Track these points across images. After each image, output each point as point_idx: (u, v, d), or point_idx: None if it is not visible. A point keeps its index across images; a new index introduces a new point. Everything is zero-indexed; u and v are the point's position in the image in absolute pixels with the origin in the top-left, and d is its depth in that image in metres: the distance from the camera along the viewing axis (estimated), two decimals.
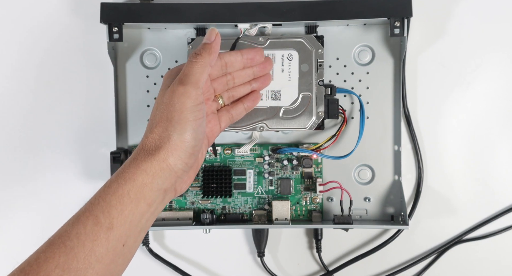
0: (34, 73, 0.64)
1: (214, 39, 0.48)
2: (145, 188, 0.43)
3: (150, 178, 0.43)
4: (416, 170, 0.62)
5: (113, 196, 0.42)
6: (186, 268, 0.64)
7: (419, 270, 0.64)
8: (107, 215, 0.41)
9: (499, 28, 0.62)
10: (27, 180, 0.64)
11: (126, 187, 0.42)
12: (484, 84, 0.62)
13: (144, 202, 0.43)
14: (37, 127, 0.64)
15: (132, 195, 0.42)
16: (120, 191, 0.42)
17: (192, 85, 0.45)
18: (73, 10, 0.63)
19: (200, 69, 0.46)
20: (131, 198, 0.42)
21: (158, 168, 0.43)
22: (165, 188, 0.44)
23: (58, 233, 0.41)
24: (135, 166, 0.43)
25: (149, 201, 0.43)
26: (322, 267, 0.64)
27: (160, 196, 0.44)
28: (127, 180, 0.42)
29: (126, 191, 0.42)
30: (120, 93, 0.62)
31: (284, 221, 0.60)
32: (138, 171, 0.43)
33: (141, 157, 0.44)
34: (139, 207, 0.42)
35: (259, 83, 0.55)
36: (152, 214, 0.44)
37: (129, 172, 0.43)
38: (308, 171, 0.61)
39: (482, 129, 0.62)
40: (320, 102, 0.57)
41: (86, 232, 0.40)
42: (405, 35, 0.57)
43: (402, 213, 0.59)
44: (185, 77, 0.46)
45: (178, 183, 0.46)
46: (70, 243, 0.39)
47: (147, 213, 0.43)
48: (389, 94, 0.61)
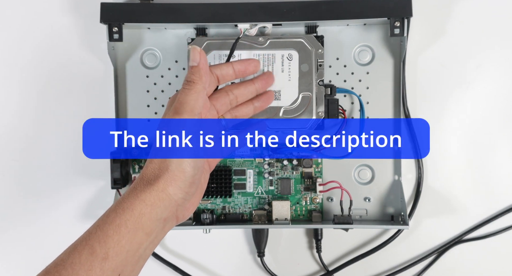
0: (34, 73, 0.64)
1: (200, 59, 0.47)
2: (143, 217, 0.42)
3: (148, 207, 0.43)
4: (416, 170, 0.62)
5: (111, 225, 0.41)
6: (186, 268, 0.64)
7: (419, 270, 0.64)
8: (103, 245, 0.41)
9: (499, 28, 0.62)
10: (27, 180, 0.64)
11: (124, 216, 0.42)
12: (484, 84, 0.62)
13: (143, 232, 0.42)
14: (37, 127, 0.64)
15: (130, 225, 0.42)
16: (118, 221, 0.42)
17: (188, 114, 0.45)
18: (73, 10, 0.63)
19: (195, 96, 0.46)
20: (129, 228, 0.42)
21: (156, 198, 0.43)
22: (165, 217, 0.44)
23: (55, 262, 0.41)
24: (134, 195, 0.43)
25: (148, 231, 0.43)
26: (322, 267, 0.64)
27: (159, 225, 0.44)
28: (125, 209, 0.42)
29: (123, 220, 0.42)
30: (120, 93, 0.62)
31: (284, 221, 0.60)
32: (136, 201, 0.43)
33: (140, 186, 0.43)
34: (137, 237, 0.42)
35: (261, 102, 0.54)
36: (152, 243, 0.44)
37: (128, 201, 0.43)
38: (308, 171, 0.61)
39: (482, 129, 0.62)
40: (320, 102, 0.57)
41: (81, 262, 0.40)
42: (405, 35, 0.57)
43: (402, 213, 0.59)
44: (180, 106, 0.45)
45: (180, 211, 0.46)
46: (65, 273, 0.39)
47: (146, 242, 0.43)
48: (389, 94, 0.61)
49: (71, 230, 0.64)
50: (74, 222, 0.64)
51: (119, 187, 0.59)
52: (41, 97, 0.64)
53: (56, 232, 0.64)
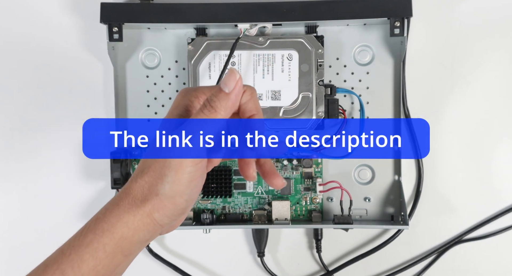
0: (34, 73, 0.64)
1: (234, 89, 0.38)
2: (124, 241, 0.38)
3: (131, 231, 0.38)
4: (416, 170, 0.62)
5: (87, 248, 0.37)
6: (186, 268, 0.64)
7: (419, 270, 0.63)
8: (76, 271, 0.37)
9: (499, 28, 0.62)
10: (27, 180, 0.64)
11: (102, 240, 0.37)
12: (484, 84, 0.62)
13: (122, 255, 0.38)
14: (37, 127, 0.64)
15: (109, 249, 0.37)
16: (96, 244, 0.37)
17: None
18: (73, 10, 0.63)
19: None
20: (107, 252, 0.37)
21: (141, 222, 0.38)
22: (147, 239, 0.39)
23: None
24: (116, 216, 0.38)
25: (127, 253, 0.39)
26: (322, 267, 0.64)
27: (140, 247, 0.40)
28: (105, 231, 0.38)
29: (102, 244, 0.37)
30: (120, 93, 0.61)
31: (284, 221, 0.60)
32: (118, 223, 0.38)
33: (124, 204, 0.39)
34: (115, 260, 0.38)
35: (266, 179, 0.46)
36: (129, 261, 0.40)
37: (109, 222, 0.38)
38: (308, 171, 0.61)
39: (482, 129, 0.62)
40: (320, 102, 0.57)
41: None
42: (405, 35, 0.57)
43: (402, 213, 0.59)
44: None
45: (164, 230, 0.41)
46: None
47: (124, 263, 0.39)
48: (389, 94, 0.61)
49: (71, 229, 0.64)
50: (74, 222, 0.64)
51: (119, 187, 0.59)
52: (41, 97, 0.64)
53: (56, 232, 0.64)
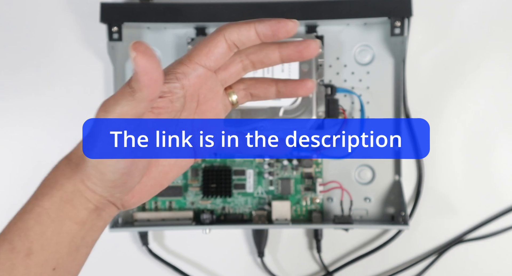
0: (33, 73, 0.64)
1: (138, 68, 0.32)
2: (66, 205, 0.35)
3: (69, 195, 0.35)
4: (416, 170, 0.62)
5: (31, 214, 0.35)
6: (186, 268, 0.64)
7: (420, 271, 0.63)
8: (24, 239, 0.35)
9: (500, 28, 0.62)
10: (26, 180, 0.64)
11: (43, 203, 0.35)
12: (485, 84, 0.62)
13: (71, 221, 0.35)
14: (37, 127, 0.64)
15: (52, 213, 0.35)
16: (37, 209, 0.35)
17: (116, 116, 0.36)
18: (72, 10, 0.63)
19: (128, 105, 0.34)
20: (52, 217, 0.35)
21: (75, 187, 0.36)
22: (93, 207, 0.36)
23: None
24: (54, 179, 0.36)
25: (78, 220, 0.36)
26: (322, 267, 0.64)
27: (92, 215, 0.36)
28: (45, 195, 0.36)
29: (44, 209, 0.35)
30: None
31: (284, 221, 0.60)
32: (56, 185, 0.36)
33: (62, 167, 0.37)
34: (65, 227, 0.35)
35: (289, 88, 0.39)
36: (90, 230, 0.37)
37: (48, 185, 0.36)
38: (308, 171, 0.61)
39: (482, 129, 0.62)
40: (320, 102, 0.57)
41: (0, 262, 0.34)
42: (406, 35, 0.57)
43: (403, 213, 0.59)
44: (109, 106, 0.36)
45: (115, 201, 0.37)
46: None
47: (82, 231, 0.36)
48: (389, 94, 0.61)
49: None
50: None
51: None
52: (41, 97, 0.64)
53: None
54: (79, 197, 0.36)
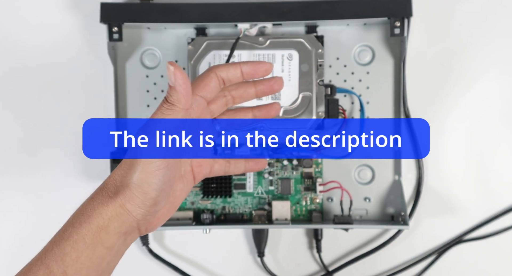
0: (33, 73, 0.64)
1: (176, 80, 0.40)
2: (101, 232, 0.40)
3: (106, 221, 0.40)
4: (416, 170, 0.62)
5: (68, 241, 0.39)
6: (186, 268, 0.64)
7: (420, 271, 0.63)
8: (60, 264, 0.38)
9: (499, 28, 0.62)
10: (26, 180, 0.64)
11: (80, 231, 0.39)
12: (485, 84, 0.62)
13: (102, 246, 0.40)
14: (37, 127, 0.64)
15: (88, 239, 0.39)
16: (75, 236, 0.39)
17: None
18: (73, 10, 0.63)
19: (172, 116, 0.41)
20: (87, 243, 0.39)
21: (114, 212, 0.40)
22: (124, 231, 0.41)
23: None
24: (92, 208, 0.41)
25: (108, 245, 0.40)
26: (322, 267, 0.64)
27: (120, 239, 0.41)
28: (82, 223, 0.40)
29: (81, 236, 0.39)
30: (120, 93, 0.62)
31: (284, 221, 0.60)
32: (93, 214, 0.40)
33: (99, 197, 0.41)
34: (96, 252, 0.40)
35: (262, 112, 0.49)
36: (115, 256, 0.41)
37: (85, 214, 0.40)
38: (308, 171, 0.61)
39: (482, 129, 0.62)
40: (320, 102, 0.57)
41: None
42: (406, 35, 0.57)
43: (402, 213, 0.59)
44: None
45: (143, 225, 0.43)
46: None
47: (108, 256, 0.40)
48: (389, 94, 0.61)
49: None
50: None
51: None
52: (41, 97, 0.64)
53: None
54: (115, 221, 0.40)
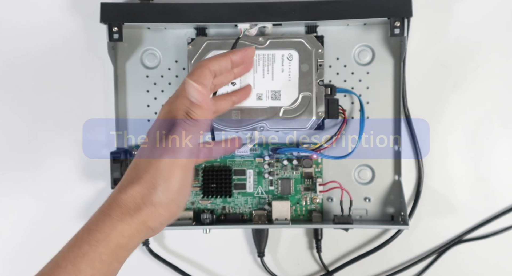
0: (34, 73, 0.64)
1: (202, 99, 0.43)
2: (119, 249, 0.39)
3: (126, 240, 0.39)
4: (416, 170, 0.62)
5: (83, 259, 0.38)
6: (186, 268, 0.64)
7: (419, 270, 0.63)
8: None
9: (499, 28, 0.62)
10: (26, 180, 0.64)
11: (98, 249, 0.38)
12: (484, 84, 0.62)
13: (117, 262, 0.40)
14: (37, 127, 0.64)
15: (105, 258, 0.39)
16: (92, 254, 0.38)
17: (181, 154, 0.42)
18: (73, 10, 0.63)
19: (195, 134, 0.43)
20: (103, 261, 0.38)
21: (135, 230, 0.40)
22: (138, 245, 0.42)
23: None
24: (110, 225, 0.39)
25: (122, 260, 0.40)
26: (322, 267, 0.64)
27: (133, 251, 0.42)
28: (100, 241, 0.39)
29: (98, 254, 0.38)
30: (120, 93, 0.61)
31: (284, 221, 0.60)
32: (113, 232, 0.39)
33: (117, 214, 0.40)
34: (111, 268, 0.39)
35: (238, 96, 0.55)
36: (121, 264, 0.42)
37: (103, 232, 0.39)
38: (308, 171, 0.61)
39: (482, 129, 0.62)
40: (320, 102, 0.57)
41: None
42: (405, 35, 0.57)
43: (402, 213, 0.59)
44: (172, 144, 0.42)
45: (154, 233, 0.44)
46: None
47: (119, 269, 0.41)
48: (389, 94, 0.61)
49: (71, 230, 0.64)
50: (74, 222, 0.64)
51: None
52: (41, 97, 0.64)
53: (56, 232, 0.64)
54: (135, 239, 0.40)
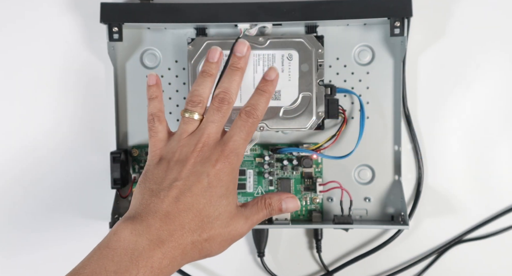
0: (33, 73, 0.64)
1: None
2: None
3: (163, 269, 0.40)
4: (416, 170, 0.62)
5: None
6: (186, 268, 0.64)
7: (419, 270, 0.64)
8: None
9: (499, 28, 0.62)
10: (26, 180, 0.64)
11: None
12: (484, 84, 0.62)
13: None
14: (37, 128, 0.64)
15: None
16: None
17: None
18: (73, 10, 0.63)
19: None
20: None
21: (170, 261, 0.40)
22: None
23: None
24: (144, 257, 0.39)
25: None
26: (322, 267, 0.64)
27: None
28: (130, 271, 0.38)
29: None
30: (120, 93, 0.62)
31: (284, 221, 0.60)
32: (150, 260, 0.39)
33: (148, 244, 0.40)
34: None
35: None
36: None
37: (135, 262, 0.39)
38: (308, 171, 0.61)
39: (482, 129, 0.62)
40: (320, 102, 0.57)
41: None
42: (405, 35, 0.57)
43: (402, 213, 0.59)
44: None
45: None
46: None
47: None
48: (389, 94, 0.61)
49: (71, 230, 0.64)
50: (74, 222, 0.64)
51: (119, 187, 0.59)
52: (41, 97, 0.64)
53: (56, 232, 0.64)
54: (168, 270, 0.40)
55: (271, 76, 0.48)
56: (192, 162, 0.42)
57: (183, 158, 0.43)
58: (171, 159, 0.43)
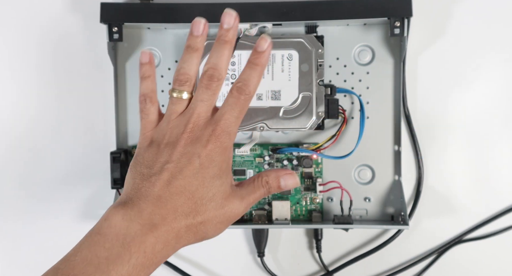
0: (34, 73, 0.64)
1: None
2: (144, 269, 0.39)
3: (156, 254, 0.39)
4: (416, 170, 0.62)
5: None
6: (186, 268, 0.64)
7: (419, 270, 0.64)
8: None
9: (500, 28, 0.62)
10: (26, 180, 0.64)
11: (117, 267, 0.37)
12: (485, 84, 0.62)
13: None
14: (37, 127, 0.64)
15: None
16: (113, 274, 0.37)
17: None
18: (73, 10, 0.63)
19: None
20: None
21: (163, 246, 0.40)
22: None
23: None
24: (140, 243, 0.38)
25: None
26: (322, 267, 0.64)
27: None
28: (123, 258, 0.38)
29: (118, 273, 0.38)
30: (120, 93, 0.62)
31: (284, 221, 0.60)
32: (143, 246, 0.39)
33: (140, 228, 0.39)
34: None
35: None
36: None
37: (127, 248, 0.38)
38: (308, 171, 0.61)
39: (482, 129, 0.62)
40: (320, 102, 0.57)
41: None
42: (405, 35, 0.57)
43: (402, 213, 0.59)
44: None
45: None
46: None
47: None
48: (389, 94, 0.61)
49: (71, 230, 0.64)
50: (74, 222, 0.64)
51: (119, 187, 0.59)
52: (41, 97, 0.64)
53: (56, 232, 0.64)
54: (162, 254, 0.39)
55: (263, 47, 0.43)
56: (182, 143, 0.41)
57: (173, 140, 0.42)
58: (162, 141, 0.42)
